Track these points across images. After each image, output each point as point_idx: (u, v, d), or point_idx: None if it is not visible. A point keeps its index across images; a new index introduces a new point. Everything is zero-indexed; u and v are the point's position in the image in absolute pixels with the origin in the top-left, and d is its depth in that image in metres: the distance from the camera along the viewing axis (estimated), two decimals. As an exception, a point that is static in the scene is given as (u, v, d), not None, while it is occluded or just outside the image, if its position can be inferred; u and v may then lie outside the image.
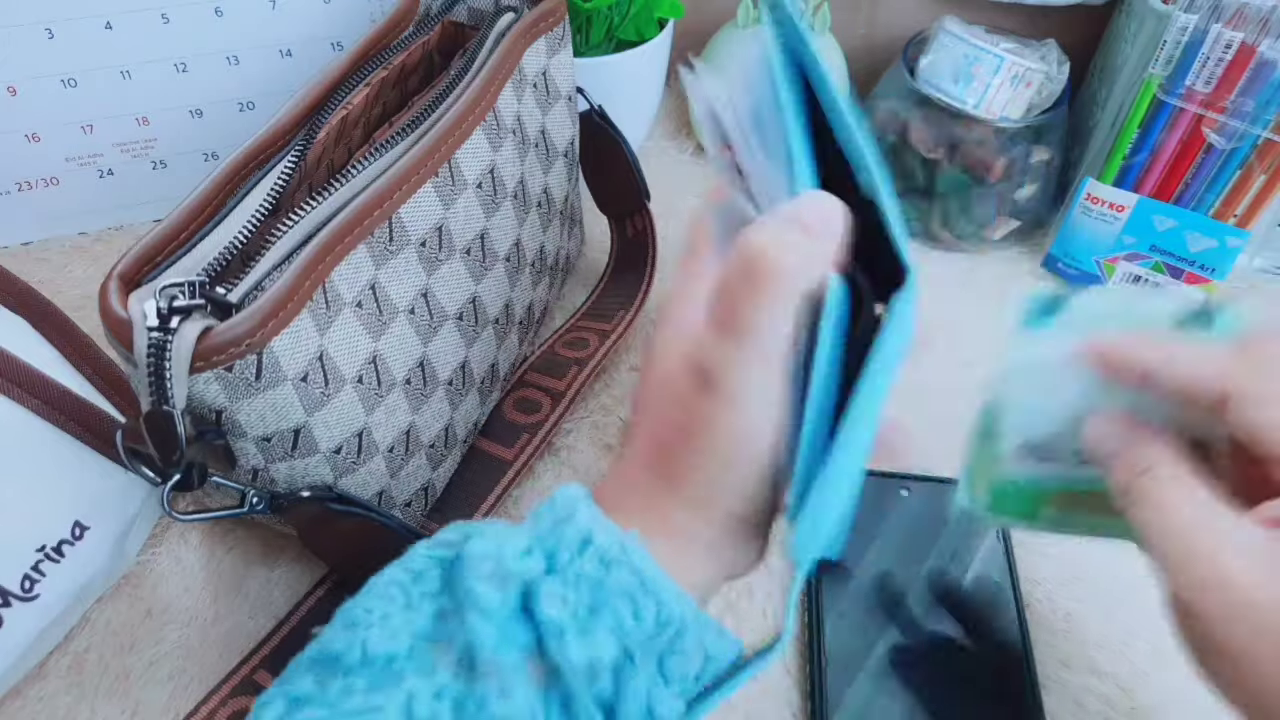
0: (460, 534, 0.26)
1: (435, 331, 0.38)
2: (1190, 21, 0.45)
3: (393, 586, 0.25)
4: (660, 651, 0.24)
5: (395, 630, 0.24)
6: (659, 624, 0.24)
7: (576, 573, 0.24)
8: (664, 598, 0.24)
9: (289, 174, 0.34)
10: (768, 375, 0.24)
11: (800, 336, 0.25)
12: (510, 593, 0.24)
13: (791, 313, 0.24)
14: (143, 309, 0.28)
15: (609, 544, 0.24)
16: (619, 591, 0.24)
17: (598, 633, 0.23)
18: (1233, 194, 0.49)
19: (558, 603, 0.23)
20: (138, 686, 0.38)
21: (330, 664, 0.24)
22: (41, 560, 0.35)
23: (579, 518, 0.25)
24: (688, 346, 0.26)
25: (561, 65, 0.45)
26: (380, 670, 0.23)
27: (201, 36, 0.51)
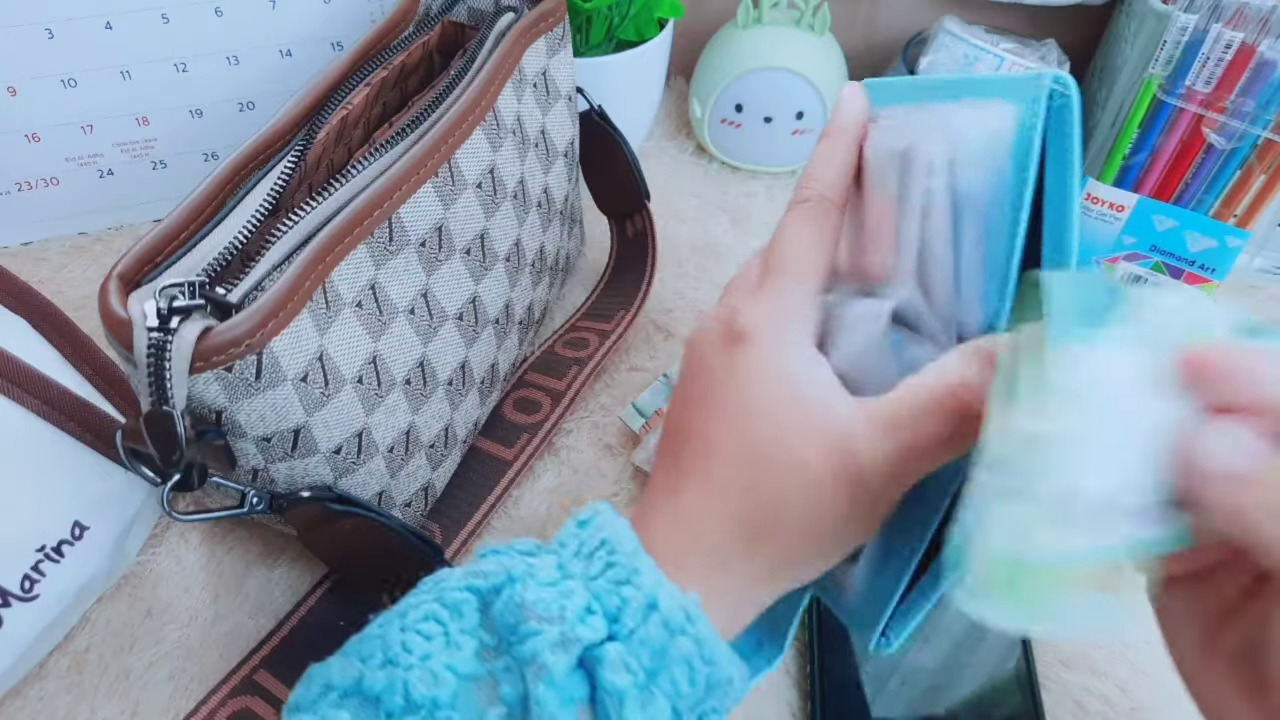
0: (500, 567, 0.26)
1: (435, 331, 0.38)
2: (1190, 21, 0.45)
3: (430, 621, 0.25)
4: (704, 710, 0.25)
5: (437, 672, 0.24)
6: (709, 687, 0.25)
7: (640, 639, 0.24)
8: (718, 663, 0.25)
9: (289, 174, 0.34)
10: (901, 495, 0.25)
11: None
12: (573, 655, 0.24)
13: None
14: (143, 309, 0.28)
15: (673, 611, 0.24)
16: (679, 659, 0.24)
17: (657, 698, 0.24)
18: (1233, 194, 0.49)
19: (622, 671, 0.24)
20: (138, 686, 0.38)
21: (370, 704, 0.24)
22: (41, 560, 0.35)
23: (644, 579, 0.25)
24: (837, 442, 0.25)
25: (561, 65, 0.45)
26: (425, 717, 0.24)
27: (201, 36, 0.51)
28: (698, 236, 0.58)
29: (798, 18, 0.59)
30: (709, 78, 0.60)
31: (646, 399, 0.46)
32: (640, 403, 0.46)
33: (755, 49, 0.58)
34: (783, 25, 0.59)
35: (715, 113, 0.61)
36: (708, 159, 0.64)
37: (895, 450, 0.24)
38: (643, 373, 0.50)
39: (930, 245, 0.26)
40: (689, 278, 0.56)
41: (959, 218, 0.25)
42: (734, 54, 0.59)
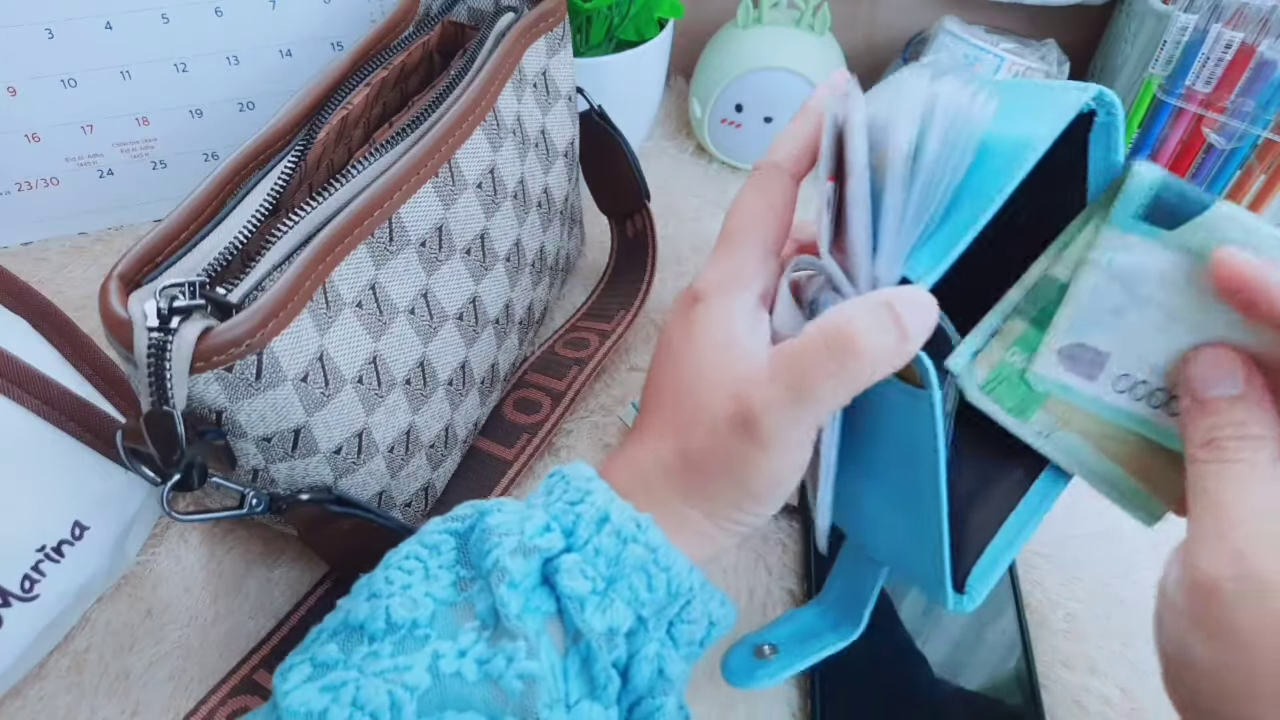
0: (473, 509, 0.28)
1: (435, 332, 0.38)
2: (1190, 21, 0.45)
3: (410, 559, 0.27)
4: (670, 618, 0.27)
5: (417, 599, 0.26)
6: (670, 594, 0.26)
7: (595, 548, 0.26)
8: (675, 570, 0.26)
9: (289, 174, 0.34)
10: (811, 434, 0.27)
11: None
12: (532, 565, 0.26)
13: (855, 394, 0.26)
14: (143, 309, 0.28)
15: (625, 521, 0.26)
16: (634, 565, 0.26)
17: (615, 603, 0.26)
18: (1233, 194, 0.49)
19: (579, 576, 0.25)
20: (138, 686, 0.38)
21: (354, 632, 0.26)
22: (41, 560, 0.35)
23: (596, 497, 0.27)
24: (739, 386, 0.26)
25: (561, 65, 0.45)
26: (405, 635, 0.25)
27: (201, 36, 0.51)
28: (698, 236, 0.58)
29: (798, 18, 0.59)
30: (709, 78, 0.60)
31: None
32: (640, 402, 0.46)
33: (755, 49, 0.58)
34: (783, 25, 0.59)
35: (715, 113, 0.61)
36: (708, 159, 0.64)
37: (783, 391, 0.26)
38: (643, 373, 0.50)
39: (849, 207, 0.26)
40: (689, 278, 0.56)
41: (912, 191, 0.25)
42: (734, 54, 0.59)
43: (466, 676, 0.24)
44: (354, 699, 0.24)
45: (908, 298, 0.25)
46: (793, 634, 0.35)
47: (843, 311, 0.25)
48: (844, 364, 0.25)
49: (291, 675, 0.25)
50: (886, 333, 0.25)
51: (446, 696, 0.24)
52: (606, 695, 0.25)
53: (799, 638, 0.35)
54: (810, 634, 0.35)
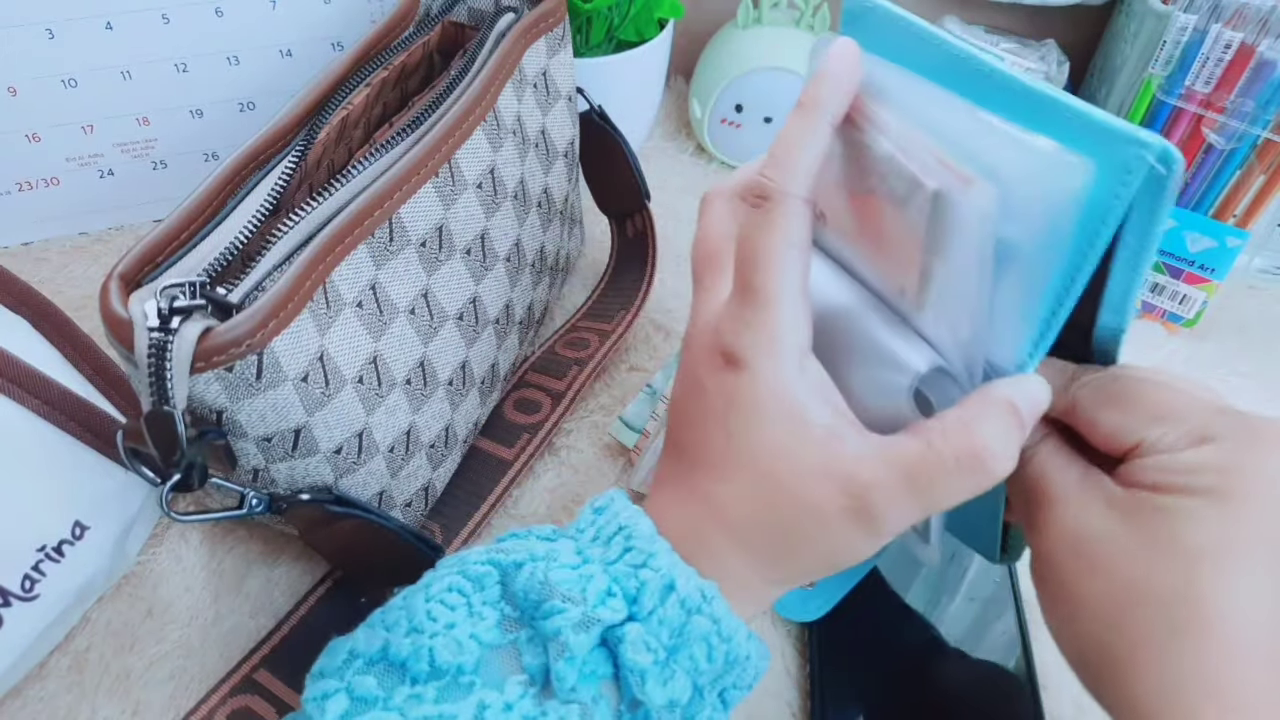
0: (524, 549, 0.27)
1: (435, 332, 0.38)
2: (1190, 21, 0.45)
3: (453, 593, 0.26)
4: (724, 685, 0.26)
5: (461, 640, 0.25)
6: (728, 663, 0.26)
7: (660, 619, 0.25)
8: (735, 640, 0.26)
9: (289, 174, 0.34)
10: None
11: None
12: (594, 634, 0.25)
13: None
14: (143, 309, 0.28)
15: (690, 593, 0.25)
16: (697, 636, 0.25)
17: (677, 675, 0.25)
18: (1232, 194, 0.49)
19: (642, 650, 0.25)
20: (138, 686, 0.38)
21: (395, 669, 0.25)
22: (42, 560, 0.35)
23: (660, 561, 0.25)
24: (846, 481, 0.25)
25: (561, 65, 0.45)
26: (449, 682, 0.24)
27: (202, 37, 0.51)
28: (698, 236, 0.58)
29: (798, 18, 0.59)
30: (709, 78, 0.60)
31: (633, 412, 0.46)
32: (628, 416, 0.46)
33: (755, 49, 0.58)
34: (783, 25, 0.59)
35: (715, 113, 0.61)
36: (708, 159, 0.64)
37: (906, 494, 0.24)
38: (643, 373, 0.50)
39: (959, 284, 0.24)
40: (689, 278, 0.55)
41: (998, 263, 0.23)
42: (734, 54, 0.59)
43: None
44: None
45: (1031, 398, 0.25)
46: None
47: (967, 423, 0.24)
48: (976, 480, 0.24)
49: (330, 706, 0.24)
50: (1013, 439, 0.24)
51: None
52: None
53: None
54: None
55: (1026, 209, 0.22)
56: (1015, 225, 0.23)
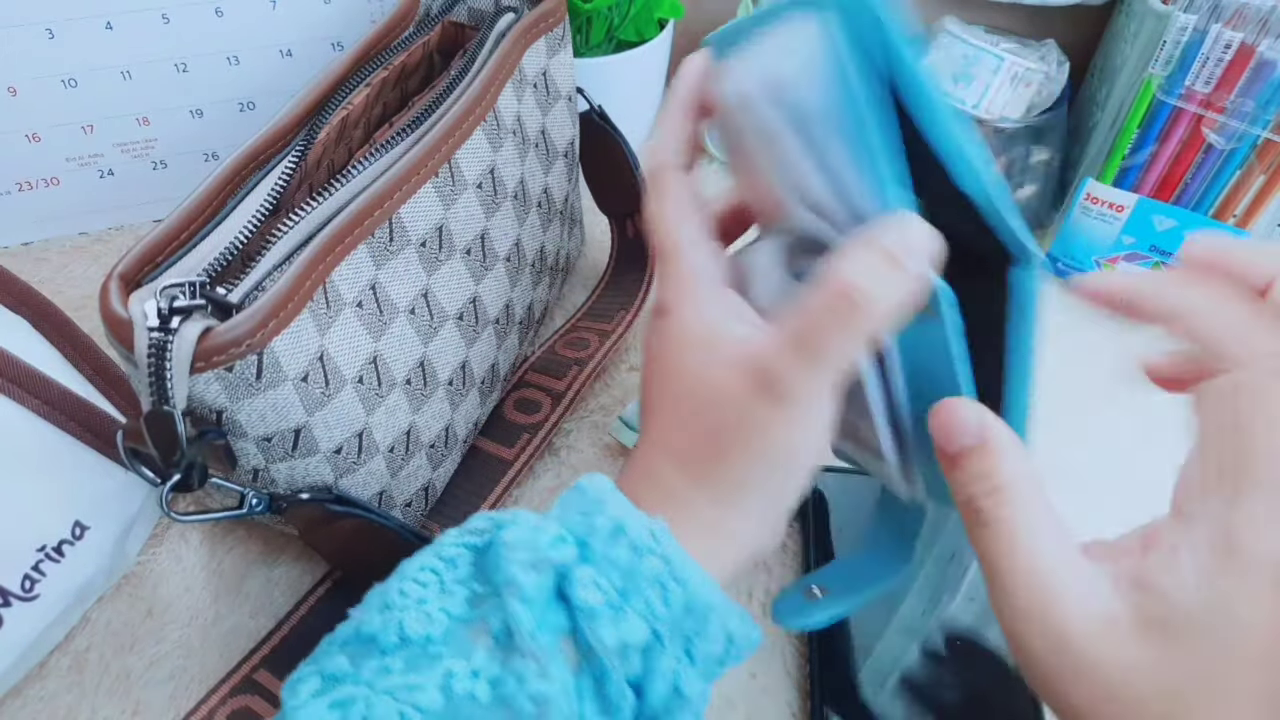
0: (490, 523, 0.27)
1: (435, 332, 0.38)
2: (1190, 21, 0.45)
3: (426, 572, 0.27)
4: (687, 634, 0.26)
5: (431, 614, 0.25)
6: (686, 609, 0.26)
7: (609, 560, 0.25)
8: (691, 584, 0.26)
9: (289, 174, 0.34)
10: (830, 395, 0.26)
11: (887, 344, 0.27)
12: (546, 579, 0.25)
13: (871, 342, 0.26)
14: (143, 309, 0.28)
15: (640, 533, 0.26)
16: (649, 578, 0.25)
17: (629, 617, 0.25)
18: (1232, 194, 0.49)
19: (592, 588, 0.25)
20: (138, 686, 0.38)
21: (365, 644, 0.25)
22: (42, 560, 0.35)
23: (610, 508, 0.26)
24: (749, 363, 0.26)
25: (561, 65, 0.45)
26: (417, 651, 0.25)
27: (202, 37, 0.51)
28: (698, 236, 0.58)
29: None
30: (709, 78, 0.60)
31: (633, 412, 0.46)
32: (628, 416, 0.46)
33: (755, 49, 0.58)
34: (783, 25, 0.59)
35: (715, 113, 0.61)
36: (708, 159, 0.64)
37: (795, 353, 0.26)
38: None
39: (795, 167, 0.26)
40: (689, 278, 0.56)
41: (809, 133, 0.26)
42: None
43: (479, 698, 0.24)
44: (364, 716, 0.23)
45: (886, 227, 0.25)
46: (842, 575, 0.34)
47: (832, 270, 0.25)
48: (844, 316, 0.25)
49: (301, 689, 0.25)
50: (877, 269, 0.25)
51: (458, 717, 0.23)
52: (621, 715, 0.25)
53: (849, 578, 0.34)
54: (860, 575, 0.34)
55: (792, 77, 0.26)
56: (794, 93, 0.26)
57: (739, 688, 0.37)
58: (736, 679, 0.38)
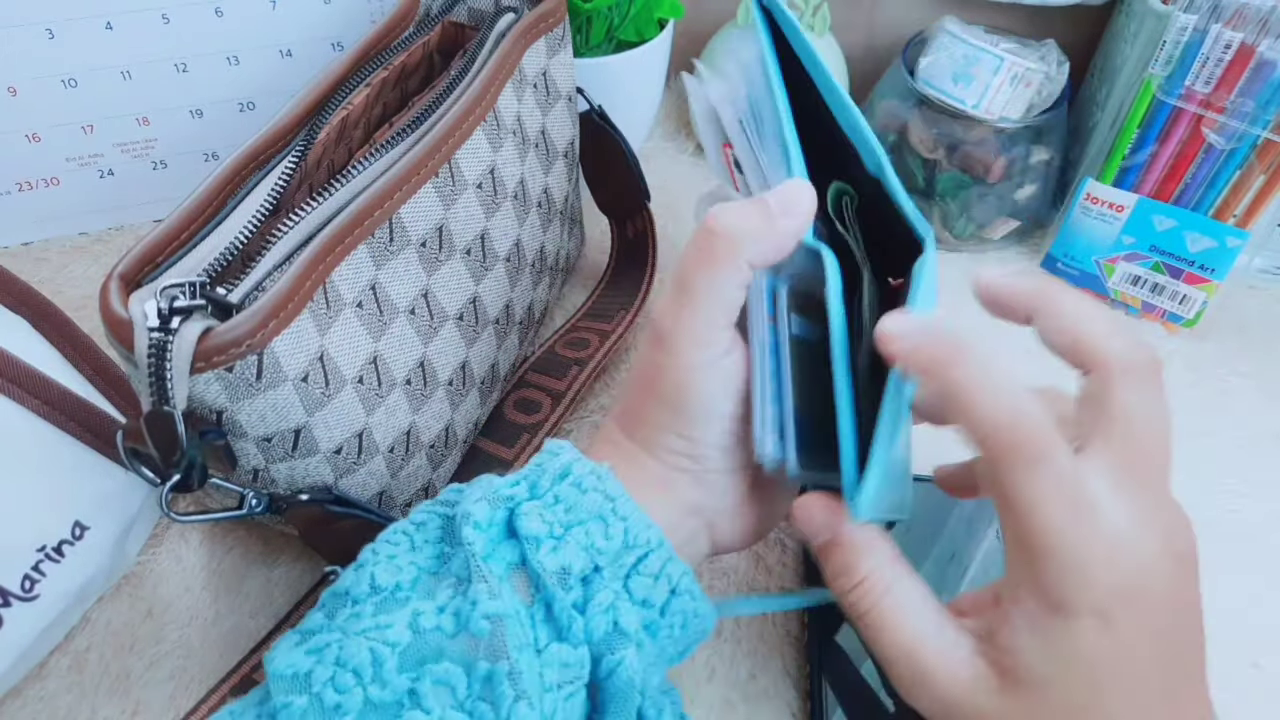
0: (457, 491, 0.29)
1: (435, 332, 0.38)
2: (1190, 21, 0.45)
3: (397, 533, 0.29)
4: (626, 570, 0.27)
5: (401, 565, 0.27)
6: (625, 545, 0.27)
7: (555, 495, 0.28)
8: (631, 521, 0.28)
9: (289, 174, 0.34)
10: (708, 331, 0.28)
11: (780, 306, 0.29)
12: (498, 512, 0.27)
13: (738, 280, 0.28)
14: (143, 309, 0.28)
15: (584, 473, 0.28)
16: (592, 513, 0.27)
17: (570, 545, 0.27)
18: (1232, 194, 0.49)
19: (536, 519, 0.27)
20: (138, 686, 0.38)
21: (338, 597, 0.27)
22: (42, 560, 0.35)
23: (562, 456, 0.29)
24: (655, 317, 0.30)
25: (561, 65, 0.45)
26: (387, 597, 0.26)
27: (202, 37, 0.51)
28: (698, 236, 0.58)
29: (798, 18, 0.59)
30: (709, 78, 0.60)
31: None
32: None
33: (755, 49, 0.58)
34: (783, 25, 0.59)
35: (715, 113, 0.61)
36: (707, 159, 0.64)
37: (671, 292, 0.29)
38: (643, 373, 0.50)
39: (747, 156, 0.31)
40: (689, 278, 0.55)
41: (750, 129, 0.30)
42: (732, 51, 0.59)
43: (444, 629, 0.25)
44: (337, 658, 0.24)
45: (774, 190, 0.29)
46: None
47: (711, 213, 0.29)
48: (709, 252, 0.28)
49: (280, 645, 0.26)
50: (747, 212, 0.28)
51: (426, 650, 0.25)
52: (573, 635, 0.26)
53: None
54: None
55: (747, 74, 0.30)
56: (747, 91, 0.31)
57: (739, 689, 0.37)
58: (736, 679, 0.38)
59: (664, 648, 0.28)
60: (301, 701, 0.24)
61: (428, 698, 0.24)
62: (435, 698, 0.24)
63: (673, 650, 0.29)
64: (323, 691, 0.24)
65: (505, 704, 0.24)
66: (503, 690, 0.24)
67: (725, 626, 0.39)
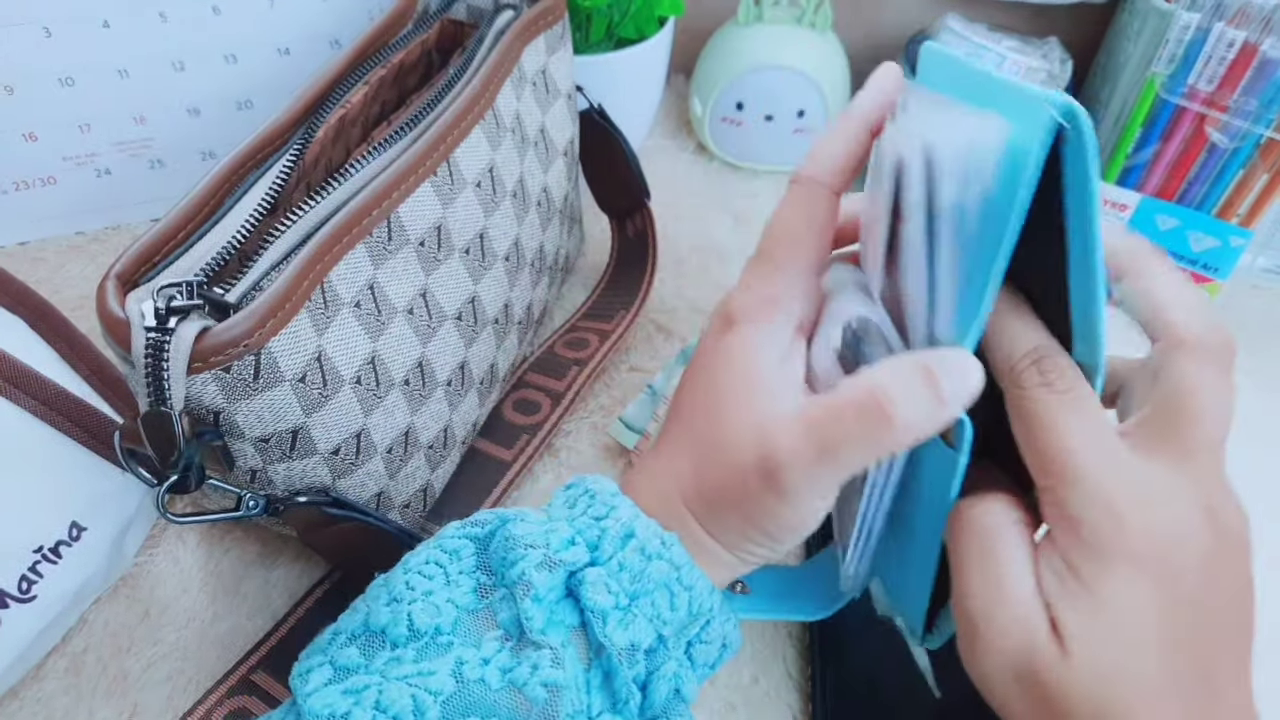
0: (495, 517, 0.28)
1: (434, 332, 0.38)
2: (1193, 20, 0.45)
3: (430, 565, 0.27)
4: (690, 639, 0.27)
5: (439, 605, 0.26)
6: (691, 614, 0.26)
7: (620, 563, 0.26)
8: (697, 590, 0.26)
9: (287, 173, 0.34)
10: (834, 489, 0.26)
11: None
12: (557, 579, 0.26)
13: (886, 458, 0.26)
14: (140, 309, 0.28)
15: (650, 538, 0.26)
16: (658, 582, 0.26)
17: (638, 619, 0.25)
18: (1235, 193, 0.48)
19: (603, 590, 0.25)
20: (135, 687, 0.37)
21: (375, 637, 0.26)
22: (39, 561, 0.35)
23: (621, 513, 0.27)
24: (764, 432, 0.26)
25: (561, 63, 0.45)
26: (428, 642, 0.25)
27: (199, 35, 0.51)
28: (698, 235, 0.58)
29: (799, 15, 0.58)
30: (709, 76, 0.60)
31: (634, 412, 0.46)
32: (628, 417, 0.46)
33: (756, 47, 0.58)
34: (784, 23, 0.59)
35: (716, 111, 0.60)
36: (708, 157, 0.64)
37: (809, 447, 0.25)
38: (643, 373, 0.50)
39: (903, 253, 0.25)
40: (690, 277, 0.55)
41: (936, 230, 0.24)
42: (735, 52, 0.59)
43: (490, 684, 0.24)
44: (376, 702, 0.24)
45: (949, 362, 0.24)
46: (770, 584, 0.34)
47: (878, 375, 0.24)
48: (873, 432, 0.24)
49: (312, 677, 0.25)
50: (922, 402, 0.24)
51: (470, 702, 0.24)
52: (628, 710, 0.25)
53: (774, 590, 0.34)
54: (786, 592, 0.34)
55: (954, 169, 0.23)
56: (948, 188, 0.23)
57: (740, 692, 0.37)
58: (738, 683, 0.37)
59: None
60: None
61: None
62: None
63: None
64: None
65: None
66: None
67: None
